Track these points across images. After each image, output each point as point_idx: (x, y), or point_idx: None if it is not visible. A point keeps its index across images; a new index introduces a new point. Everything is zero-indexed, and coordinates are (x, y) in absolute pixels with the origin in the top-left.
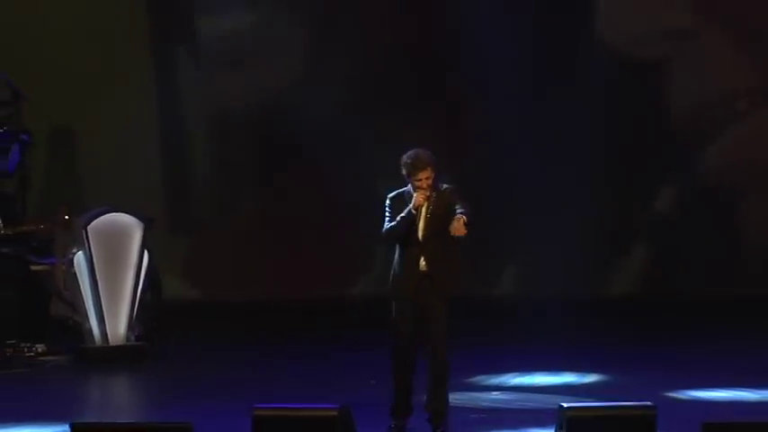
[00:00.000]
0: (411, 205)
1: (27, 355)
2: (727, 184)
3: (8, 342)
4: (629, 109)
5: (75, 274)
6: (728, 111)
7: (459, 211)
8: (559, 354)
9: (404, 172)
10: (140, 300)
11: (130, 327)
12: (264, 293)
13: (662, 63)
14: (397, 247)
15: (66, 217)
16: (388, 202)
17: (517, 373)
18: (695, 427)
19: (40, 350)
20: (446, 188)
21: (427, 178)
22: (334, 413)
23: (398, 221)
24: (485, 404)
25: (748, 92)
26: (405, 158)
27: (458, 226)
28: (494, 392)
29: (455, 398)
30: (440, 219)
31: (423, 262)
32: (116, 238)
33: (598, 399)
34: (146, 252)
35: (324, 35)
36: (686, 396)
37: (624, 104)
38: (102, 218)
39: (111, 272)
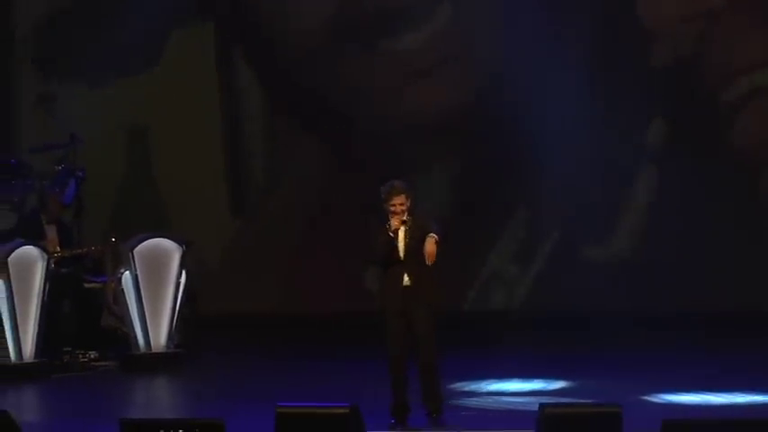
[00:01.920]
0: (389, 229)
1: (81, 360)
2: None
3: (65, 349)
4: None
5: (122, 290)
6: None
7: (433, 232)
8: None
9: (382, 198)
10: (179, 313)
11: (170, 336)
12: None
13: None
14: (384, 267)
15: (114, 240)
16: (375, 232)
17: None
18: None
19: (92, 356)
20: (421, 214)
21: (401, 204)
22: (346, 411)
23: (379, 244)
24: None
25: None
26: (382, 187)
27: (429, 250)
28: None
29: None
30: (417, 240)
31: (405, 278)
32: (158, 260)
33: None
34: (183, 272)
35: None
36: (651, 399)
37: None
38: (146, 242)
39: (153, 289)
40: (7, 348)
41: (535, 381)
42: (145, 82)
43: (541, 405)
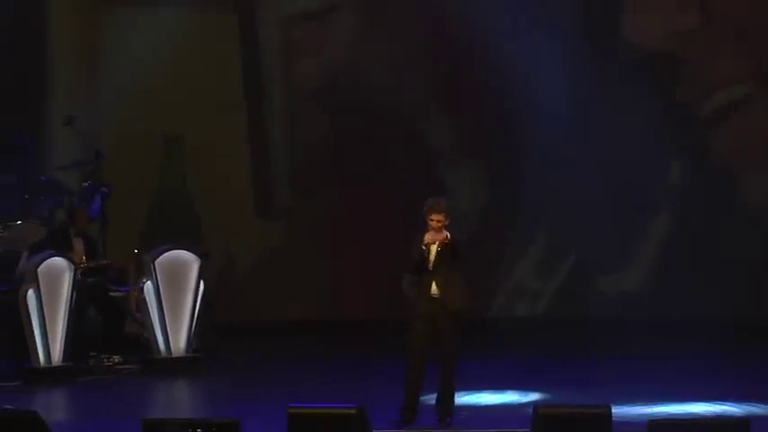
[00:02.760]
0: (422, 243)
1: (106, 364)
2: None
3: (91, 353)
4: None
5: (144, 299)
6: None
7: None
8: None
9: (423, 211)
10: (197, 320)
11: (189, 342)
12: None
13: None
14: (415, 276)
15: (136, 251)
16: (413, 241)
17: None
18: None
19: (116, 360)
20: (455, 233)
21: (439, 221)
22: (353, 411)
23: (413, 254)
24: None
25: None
26: (426, 202)
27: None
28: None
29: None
30: (448, 254)
31: (434, 287)
32: (177, 271)
33: None
34: (201, 281)
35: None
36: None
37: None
38: (166, 254)
39: (173, 297)
40: (37, 352)
41: (538, 384)
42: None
43: (535, 406)
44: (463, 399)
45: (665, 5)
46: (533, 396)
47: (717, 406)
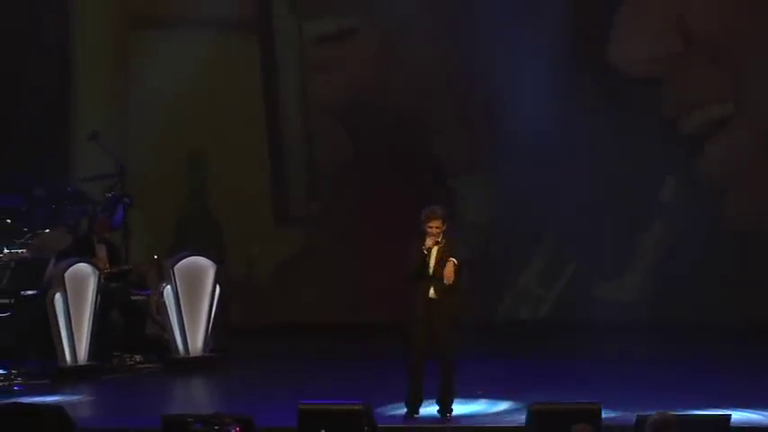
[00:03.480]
0: (424, 247)
1: (128, 363)
2: None
3: (114, 353)
4: None
5: (164, 302)
6: None
7: (454, 258)
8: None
9: (422, 219)
10: (213, 322)
11: (206, 342)
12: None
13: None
14: (413, 280)
15: (156, 257)
16: (410, 248)
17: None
18: None
19: (138, 360)
20: (453, 238)
21: (437, 227)
22: (360, 408)
23: (414, 259)
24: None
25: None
26: (423, 210)
27: (447, 272)
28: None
29: None
30: (446, 260)
31: (432, 291)
32: (195, 276)
33: None
34: (217, 286)
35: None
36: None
37: None
38: (184, 260)
39: (191, 301)
40: (64, 352)
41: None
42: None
43: (530, 404)
44: (462, 398)
45: (650, 31)
46: (530, 395)
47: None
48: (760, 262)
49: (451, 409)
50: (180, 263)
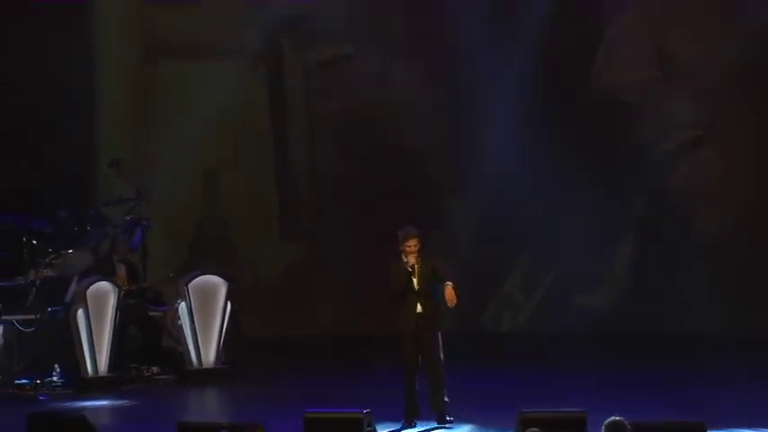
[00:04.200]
0: (408, 264)
1: (146, 374)
2: None
3: (132, 365)
4: None
5: (179, 318)
6: None
7: (448, 282)
8: None
9: (399, 240)
10: (225, 336)
11: (218, 355)
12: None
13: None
14: (401, 296)
15: (172, 276)
16: (390, 268)
17: None
18: None
19: (154, 371)
20: (429, 255)
21: (414, 245)
22: (361, 416)
23: (400, 277)
24: None
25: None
26: (400, 232)
27: (450, 296)
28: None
29: None
30: (427, 275)
31: (419, 306)
32: (208, 293)
33: None
34: (228, 302)
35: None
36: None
37: None
38: (198, 278)
39: (204, 316)
40: (86, 364)
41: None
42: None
43: (520, 411)
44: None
45: (628, 57)
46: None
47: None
48: (728, 275)
49: (449, 418)
50: (194, 281)
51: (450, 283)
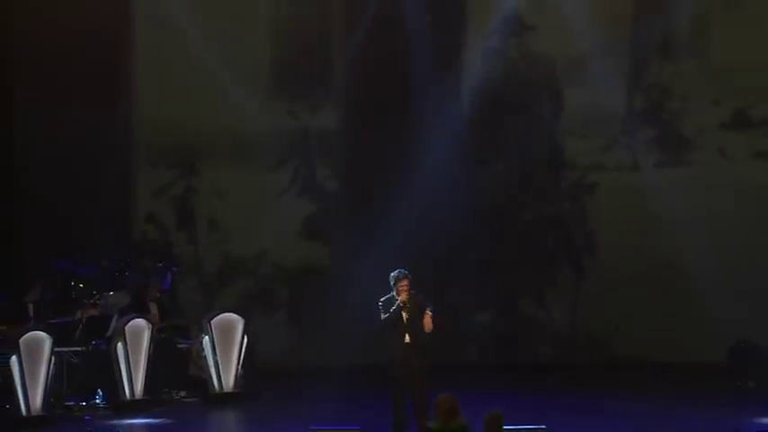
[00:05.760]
0: (399, 301)
1: (175, 398)
2: None
3: (164, 390)
4: None
5: (203, 349)
6: None
7: (428, 310)
8: None
9: (392, 282)
10: (242, 364)
11: (237, 381)
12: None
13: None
14: (390, 328)
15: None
16: (380, 303)
17: None
18: None
19: (182, 395)
20: (416, 293)
21: (406, 285)
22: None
23: (393, 312)
24: None
25: None
26: (392, 274)
27: (427, 322)
28: None
29: None
30: (415, 310)
31: (407, 336)
32: (227, 328)
33: None
34: (245, 336)
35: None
36: None
37: None
38: (218, 316)
39: (224, 348)
40: (124, 388)
41: None
42: None
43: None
44: None
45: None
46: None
47: None
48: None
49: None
50: (215, 318)
51: (429, 312)
